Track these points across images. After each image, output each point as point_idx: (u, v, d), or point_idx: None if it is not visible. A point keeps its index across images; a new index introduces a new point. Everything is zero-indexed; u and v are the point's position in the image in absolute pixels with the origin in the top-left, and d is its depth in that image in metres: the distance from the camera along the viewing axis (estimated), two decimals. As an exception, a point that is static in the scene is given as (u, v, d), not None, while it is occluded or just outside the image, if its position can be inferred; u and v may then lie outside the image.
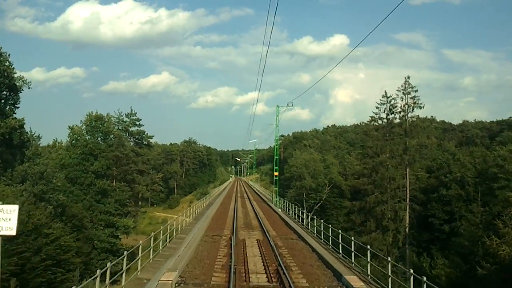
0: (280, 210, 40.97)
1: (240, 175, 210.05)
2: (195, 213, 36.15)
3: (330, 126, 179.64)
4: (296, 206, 50.61)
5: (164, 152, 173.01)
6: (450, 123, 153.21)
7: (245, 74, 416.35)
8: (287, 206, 43.29)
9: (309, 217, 33.95)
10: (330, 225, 23.07)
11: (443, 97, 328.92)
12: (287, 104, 44.58)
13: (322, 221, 25.47)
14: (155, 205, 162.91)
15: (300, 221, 31.05)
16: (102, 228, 53.92)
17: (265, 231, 23.42)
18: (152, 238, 18.84)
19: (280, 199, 47.69)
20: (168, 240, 22.19)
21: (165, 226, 22.81)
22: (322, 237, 22.85)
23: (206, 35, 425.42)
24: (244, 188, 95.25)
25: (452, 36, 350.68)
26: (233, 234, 21.61)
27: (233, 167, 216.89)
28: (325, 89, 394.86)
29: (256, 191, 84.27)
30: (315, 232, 26.34)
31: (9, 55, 41.75)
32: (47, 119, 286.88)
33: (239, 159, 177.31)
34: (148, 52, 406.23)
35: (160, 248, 19.86)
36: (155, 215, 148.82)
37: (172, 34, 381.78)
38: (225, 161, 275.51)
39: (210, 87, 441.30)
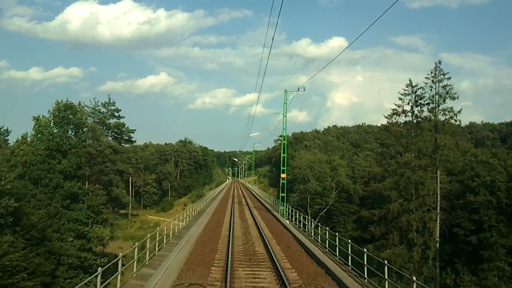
0: (288, 222, 31.44)
1: (238, 177, 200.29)
2: (184, 221, 26.73)
3: (331, 126, 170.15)
4: (302, 213, 41.53)
5: (158, 152, 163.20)
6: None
7: (243, 75, 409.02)
8: (293, 214, 33.85)
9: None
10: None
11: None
12: (298, 89, 35.05)
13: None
14: (147, 208, 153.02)
15: (326, 246, 21.38)
16: (71, 239, 44.13)
17: (280, 270, 13.76)
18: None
19: (286, 206, 37.97)
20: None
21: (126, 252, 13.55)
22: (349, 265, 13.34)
23: (204, 36, 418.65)
24: (242, 192, 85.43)
25: (450, 40, 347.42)
26: (226, 281, 11.97)
27: (230, 168, 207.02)
28: (323, 92, 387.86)
29: (255, 195, 74.53)
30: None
31: None
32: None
33: (236, 160, 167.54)
34: (146, 52, 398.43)
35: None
36: (147, 219, 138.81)
37: (170, 35, 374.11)
38: (222, 163, 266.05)
39: (208, 88, 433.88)
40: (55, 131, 44.34)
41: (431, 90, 45.97)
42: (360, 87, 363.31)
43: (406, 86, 47.42)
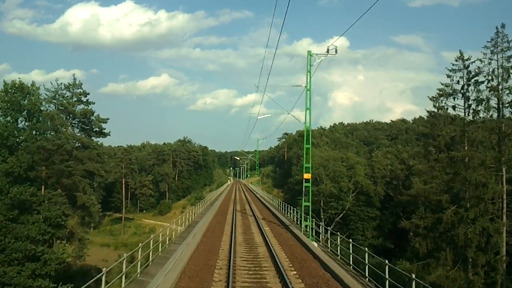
0: (316, 245, 20.35)
1: (240, 177, 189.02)
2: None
3: (337, 123, 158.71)
4: (314, 219, 30.83)
5: (155, 152, 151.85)
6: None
7: (244, 76, 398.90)
8: (319, 230, 22.85)
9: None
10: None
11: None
12: (327, 50, 23.77)
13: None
14: (144, 211, 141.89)
15: None
16: (22, 263, 32.84)
17: None
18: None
19: (295, 211, 26.68)
20: None
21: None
22: None
23: (205, 37, 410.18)
24: (245, 195, 74.02)
25: (451, 38, 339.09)
26: None
27: (231, 168, 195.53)
28: (324, 92, 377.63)
29: (261, 199, 63.09)
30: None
31: None
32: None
33: (238, 158, 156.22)
34: (147, 54, 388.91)
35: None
36: (142, 223, 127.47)
37: (171, 36, 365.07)
38: (224, 163, 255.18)
39: (209, 89, 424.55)
40: (0, 119, 33.10)
41: (490, 63, 34.65)
42: (361, 86, 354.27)
43: (456, 60, 36.11)
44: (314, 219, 31.54)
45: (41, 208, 33.07)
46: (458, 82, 36.04)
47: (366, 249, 15.50)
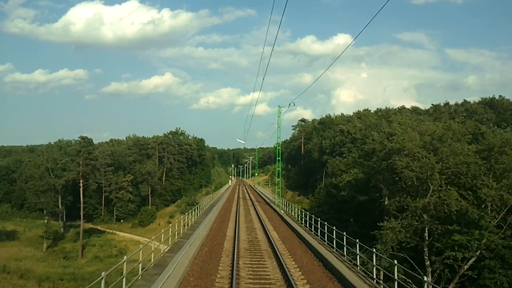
0: None
1: (243, 177, 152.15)
2: None
3: (361, 110, 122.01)
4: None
5: (137, 145, 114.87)
6: None
7: (247, 75, 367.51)
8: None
9: None
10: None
11: (446, 97, 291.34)
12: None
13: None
14: (121, 220, 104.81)
15: None
16: None
17: None
18: None
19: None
20: None
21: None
22: None
23: (208, 35, 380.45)
24: (254, 206, 37.10)
25: (455, 36, 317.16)
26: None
27: (233, 166, 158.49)
28: (328, 90, 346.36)
29: (280, 214, 25.84)
30: None
31: None
32: (49, 120, 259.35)
33: (242, 141, 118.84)
34: (149, 53, 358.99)
35: None
36: (114, 239, 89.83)
37: (174, 35, 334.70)
38: (226, 161, 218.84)
39: (212, 88, 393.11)
40: None
41: None
42: (365, 84, 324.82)
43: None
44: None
45: None
46: None
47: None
